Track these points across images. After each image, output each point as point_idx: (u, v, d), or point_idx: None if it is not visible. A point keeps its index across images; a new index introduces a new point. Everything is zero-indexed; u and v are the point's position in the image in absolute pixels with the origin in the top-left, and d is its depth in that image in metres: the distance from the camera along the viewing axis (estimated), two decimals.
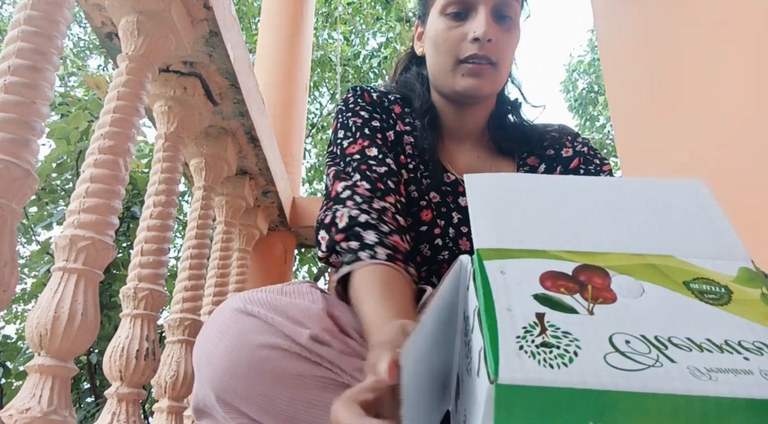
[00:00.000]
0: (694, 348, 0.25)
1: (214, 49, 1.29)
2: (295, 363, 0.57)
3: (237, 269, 1.96)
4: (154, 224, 1.22)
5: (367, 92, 0.87)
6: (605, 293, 0.28)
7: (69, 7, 0.88)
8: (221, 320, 0.59)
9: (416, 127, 0.86)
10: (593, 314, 0.27)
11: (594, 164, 0.84)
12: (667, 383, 0.23)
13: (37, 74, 0.80)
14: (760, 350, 0.25)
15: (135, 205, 2.97)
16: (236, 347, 0.56)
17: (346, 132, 0.82)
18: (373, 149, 0.79)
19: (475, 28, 0.77)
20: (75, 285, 0.90)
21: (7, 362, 3.29)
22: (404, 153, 0.84)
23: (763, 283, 0.29)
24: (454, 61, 0.80)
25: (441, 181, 0.83)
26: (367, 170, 0.76)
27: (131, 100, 1.06)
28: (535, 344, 0.25)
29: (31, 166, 0.77)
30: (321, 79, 8.10)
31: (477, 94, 0.81)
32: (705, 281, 0.29)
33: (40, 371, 0.85)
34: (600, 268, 0.29)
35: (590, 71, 11.73)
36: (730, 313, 0.27)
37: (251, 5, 7.71)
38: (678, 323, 0.26)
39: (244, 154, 1.72)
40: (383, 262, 0.65)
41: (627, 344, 0.25)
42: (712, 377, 0.23)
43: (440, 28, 0.81)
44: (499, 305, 0.27)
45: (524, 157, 0.88)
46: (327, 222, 0.72)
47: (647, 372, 0.24)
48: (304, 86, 2.82)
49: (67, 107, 3.02)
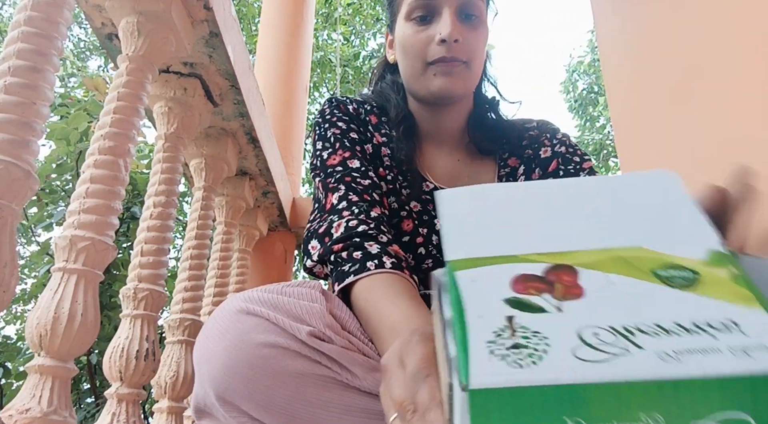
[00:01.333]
0: (662, 333, 0.25)
1: (214, 50, 1.29)
2: (295, 361, 0.56)
3: (237, 270, 1.96)
4: (154, 225, 1.22)
5: (344, 103, 0.87)
6: (574, 289, 0.28)
7: (69, 9, 0.88)
8: (221, 320, 0.59)
9: (392, 137, 0.86)
10: (562, 311, 0.27)
11: (573, 163, 0.84)
12: (636, 370, 0.23)
13: (38, 75, 0.80)
14: (728, 328, 0.25)
15: (135, 205, 2.97)
16: (236, 346, 0.56)
17: (325, 143, 0.82)
18: (354, 161, 0.79)
19: (440, 30, 0.78)
20: (75, 285, 0.90)
21: (7, 362, 3.29)
22: (382, 165, 0.84)
23: (731, 262, 0.29)
24: (423, 64, 0.80)
25: (420, 190, 0.83)
26: (352, 182, 0.76)
27: (131, 100, 1.06)
28: (506, 347, 0.25)
29: (31, 167, 0.77)
30: (321, 79, 8.10)
31: (450, 94, 0.81)
32: (673, 266, 0.29)
33: (40, 371, 0.85)
34: (568, 266, 0.29)
35: (590, 72, 11.74)
36: (699, 294, 0.27)
37: (251, 6, 7.71)
38: (646, 311, 0.26)
39: (244, 154, 1.73)
40: (391, 271, 0.65)
41: (595, 336, 0.25)
42: (682, 359, 0.24)
43: (407, 34, 0.81)
44: (471, 312, 0.27)
45: (505, 158, 0.88)
46: (321, 232, 0.71)
47: (616, 361, 0.24)
48: (304, 87, 2.83)
49: (67, 108, 3.03)
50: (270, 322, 0.58)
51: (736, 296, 0.27)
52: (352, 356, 0.59)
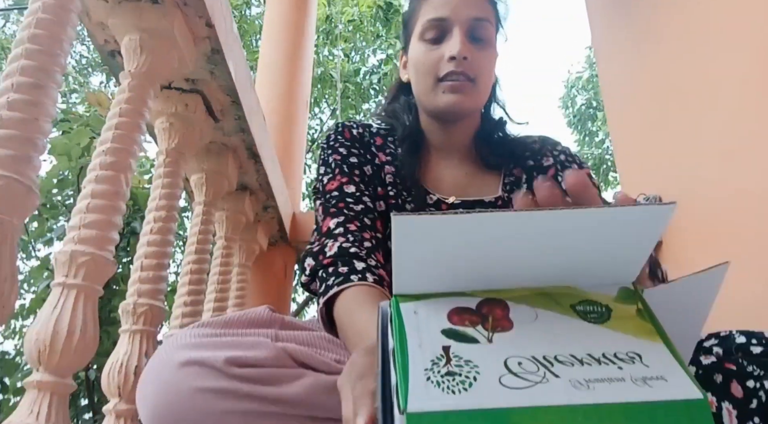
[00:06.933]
0: (576, 363, 0.28)
1: (215, 66, 1.30)
2: (218, 402, 0.58)
3: (237, 284, 1.95)
4: (154, 240, 1.22)
5: (348, 129, 0.92)
6: (504, 321, 0.32)
7: (73, 26, 0.89)
8: (150, 367, 0.63)
9: (398, 155, 0.91)
10: (492, 342, 0.30)
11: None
12: (551, 396, 0.27)
13: (40, 91, 0.81)
14: (632, 359, 0.28)
15: (135, 220, 2.97)
16: (160, 395, 0.59)
17: (327, 169, 0.87)
18: (350, 186, 0.83)
19: (450, 48, 0.83)
20: (74, 300, 0.90)
21: (5, 377, 3.27)
22: (383, 184, 0.88)
23: (639, 299, 0.33)
24: (434, 80, 0.85)
25: (424, 203, 0.87)
26: (345, 208, 0.80)
27: (133, 116, 1.07)
28: (441, 374, 0.28)
29: (32, 183, 0.78)
30: (321, 95, 8.16)
31: (459, 110, 0.85)
32: (589, 302, 0.33)
33: (38, 387, 0.85)
34: (500, 300, 0.33)
35: (589, 87, 11.81)
36: (609, 329, 0.31)
37: (252, 23, 7.79)
38: (563, 342, 0.30)
39: (244, 169, 1.73)
40: (372, 285, 0.68)
41: (519, 365, 0.28)
42: (590, 386, 0.27)
43: (419, 52, 0.87)
44: (412, 342, 0.30)
45: (510, 168, 0.93)
46: (315, 251, 0.77)
47: (535, 388, 0.27)
48: (304, 102, 2.85)
49: (69, 123, 3.04)
50: (195, 363, 0.59)
51: (640, 331, 0.31)
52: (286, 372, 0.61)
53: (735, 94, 2.09)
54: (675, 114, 2.53)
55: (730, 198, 2.02)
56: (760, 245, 1.87)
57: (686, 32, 2.46)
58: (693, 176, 2.33)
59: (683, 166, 2.41)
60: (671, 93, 2.56)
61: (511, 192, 0.90)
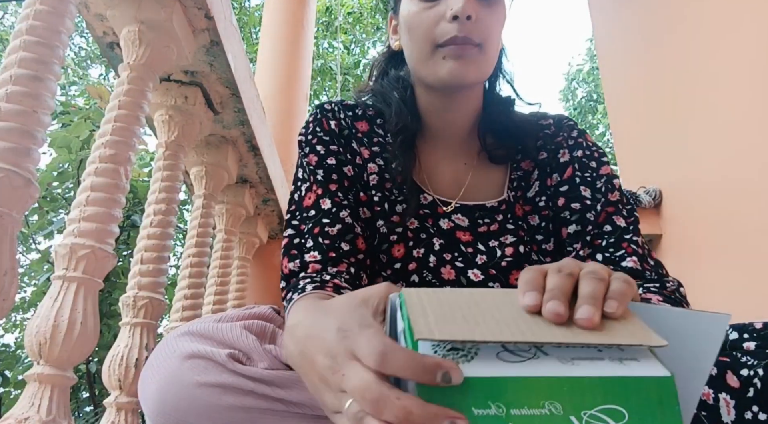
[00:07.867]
0: (563, 346, 0.33)
1: (215, 58, 1.30)
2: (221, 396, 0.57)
3: (237, 277, 1.96)
4: (154, 233, 1.22)
5: (327, 118, 0.79)
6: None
7: (71, 18, 0.89)
8: (153, 360, 0.61)
9: (386, 145, 0.79)
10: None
11: (590, 170, 0.77)
12: (541, 369, 0.31)
13: (39, 84, 0.81)
14: (609, 347, 0.33)
15: (135, 213, 2.97)
16: (164, 388, 0.58)
17: (303, 173, 0.76)
18: (326, 201, 0.72)
19: (451, 5, 0.68)
20: (75, 294, 0.90)
21: (6, 371, 3.28)
22: (366, 188, 0.76)
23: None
24: (432, 46, 0.70)
25: (417, 204, 0.75)
26: (320, 235, 0.70)
27: (132, 109, 1.06)
28: (446, 349, 0.33)
29: (32, 175, 0.77)
30: (321, 87, 8.13)
31: (462, 81, 0.70)
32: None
33: (39, 380, 0.85)
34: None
35: (589, 80, 11.78)
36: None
37: (252, 15, 7.76)
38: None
39: (244, 162, 1.73)
40: (329, 292, 0.62)
41: (515, 345, 0.33)
42: (575, 363, 0.32)
43: (413, 11, 0.72)
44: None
45: (518, 160, 0.80)
46: (283, 295, 0.68)
47: (527, 362, 0.32)
48: (304, 95, 2.84)
49: (68, 116, 3.04)
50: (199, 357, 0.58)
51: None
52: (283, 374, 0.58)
53: (735, 87, 2.08)
54: (675, 106, 2.52)
55: (734, 189, 2.02)
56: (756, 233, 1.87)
57: (687, 25, 2.45)
58: (694, 169, 2.33)
59: (683, 157, 2.40)
60: (671, 86, 2.56)
61: (518, 190, 0.78)
